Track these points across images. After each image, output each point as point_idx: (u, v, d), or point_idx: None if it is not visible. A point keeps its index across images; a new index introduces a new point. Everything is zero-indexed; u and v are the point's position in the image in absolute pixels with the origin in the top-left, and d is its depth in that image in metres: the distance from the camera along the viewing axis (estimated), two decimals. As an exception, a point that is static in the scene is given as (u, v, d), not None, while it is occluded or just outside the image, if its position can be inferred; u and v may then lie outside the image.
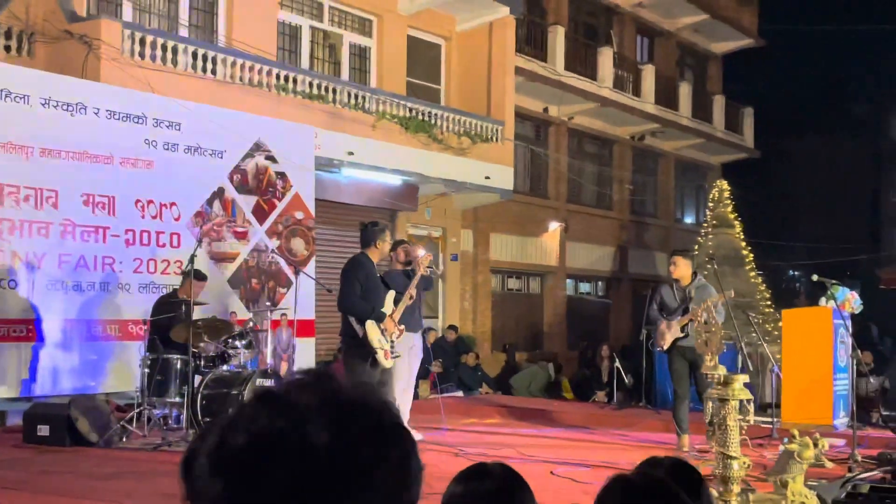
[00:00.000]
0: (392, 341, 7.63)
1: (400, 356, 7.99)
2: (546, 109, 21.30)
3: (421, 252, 9.21)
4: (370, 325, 7.47)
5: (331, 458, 1.01)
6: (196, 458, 1.06)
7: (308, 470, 1.00)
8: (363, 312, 7.52)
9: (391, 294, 7.79)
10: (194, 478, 1.05)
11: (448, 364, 15.61)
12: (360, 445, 1.03)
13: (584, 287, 23.74)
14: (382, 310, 7.54)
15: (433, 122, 16.29)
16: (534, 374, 17.06)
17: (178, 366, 9.27)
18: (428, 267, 8.25)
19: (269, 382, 9.58)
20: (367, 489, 1.02)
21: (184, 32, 13.80)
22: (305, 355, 12.80)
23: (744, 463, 5.51)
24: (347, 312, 7.74)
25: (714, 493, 5.59)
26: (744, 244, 16.58)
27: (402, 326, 7.92)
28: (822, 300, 11.31)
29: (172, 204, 11.70)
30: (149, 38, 12.39)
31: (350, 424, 1.04)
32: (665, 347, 9.38)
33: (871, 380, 12.93)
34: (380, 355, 7.48)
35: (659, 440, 10.13)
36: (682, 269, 9.47)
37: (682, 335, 9.17)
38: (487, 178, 17.26)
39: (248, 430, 1.03)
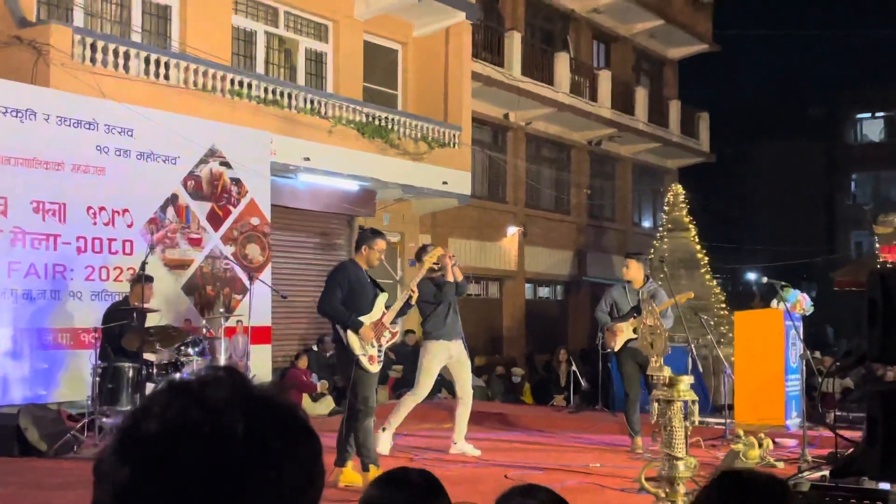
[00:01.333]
0: (380, 346, 7.58)
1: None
2: (507, 116, 21.39)
3: (448, 260, 9.13)
4: (350, 335, 7.46)
5: (243, 450, 1.02)
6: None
7: (220, 461, 1.01)
8: (340, 318, 7.49)
9: (383, 297, 7.73)
10: (100, 463, 1.05)
11: (407, 369, 15.59)
12: (272, 440, 1.04)
13: (543, 291, 23.85)
14: (362, 317, 7.49)
15: (390, 127, 16.29)
16: (490, 385, 17.13)
17: (130, 374, 9.18)
18: (434, 263, 8.29)
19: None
20: (275, 483, 1.04)
21: (136, 38, 13.68)
22: (261, 362, 12.72)
23: (690, 463, 5.56)
24: (325, 315, 7.79)
25: (661, 493, 5.65)
26: (699, 247, 16.76)
27: (396, 329, 7.92)
28: (774, 302, 11.45)
29: (125, 211, 11.59)
30: (100, 44, 12.27)
31: (263, 420, 1.05)
32: (616, 349, 9.48)
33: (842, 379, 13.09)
34: (363, 361, 7.45)
35: (615, 442, 10.20)
36: (634, 271, 9.60)
37: (634, 336, 9.27)
38: (445, 183, 17.29)
39: (160, 418, 1.03)
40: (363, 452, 7.44)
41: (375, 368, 7.55)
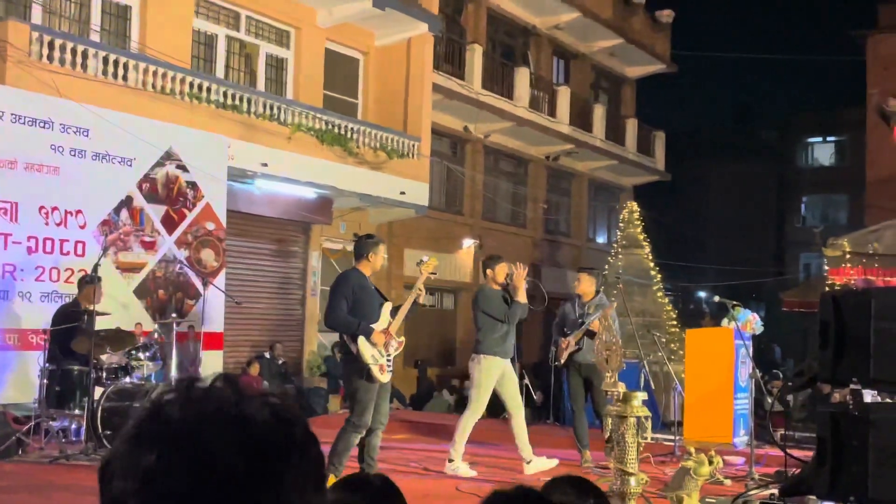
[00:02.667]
0: (388, 355, 7.49)
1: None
2: (466, 128, 21.46)
3: (521, 280, 8.88)
4: (362, 343, 7.32)
5: (269, 432, 1.03)
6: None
7: (247, 441, 1.01)
8: (348, 328, 7.36)
9: (387, 306, 7.63)
10: (112, 460, 1.04)
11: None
12: (295, 426, 1.06)
13: (497, 304, 23.91)
14: (372, 325, 7.40)
15: (349, 135, 16.26)
16: (442, 402, 17.17)
17: (79, 377, 9.04)
18: (432, 273, 8.05)
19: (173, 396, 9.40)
20: (301, 471, 1.05)
21: (95, 37, 13.53)
22: (213, 368, 12.60)
23: (641, 479, 5.61)
24: (333, 329, 7.61)
25: (612, 508, 5.69)
26: (652, 265, 16.93)
27: (402, 339, 7.75)
28: (725, 321, 11.60)
29: (78, 212, 11.43)
30: (58, 42, 12.12)
31: (284, 412, 1.06)
32: (562, 362, 9.54)
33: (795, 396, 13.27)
34: (374, 371, 7.34)
35: (566, 456, 10.24)
36: (585, 285, 9.68)
37: (575, 349, 9.34)
38: (403, 193, 17.29)
39: (182, 403, 1.04)
40: (333, 461, 7.32)
41: (386, 378, 7.46)
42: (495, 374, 8.83)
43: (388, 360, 7.47)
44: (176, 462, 1.00)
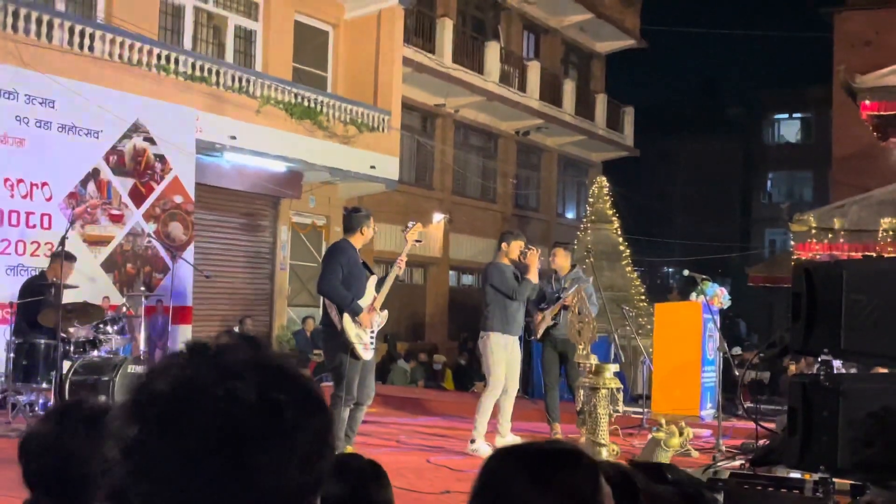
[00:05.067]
0: (372, 331, 7.45)
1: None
2: (442, 106, 21.38)
3: (534, 259, 8.67)
4: (347, 319, 7.26)
5: (255, 415, 1.02)
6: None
7: (230, 423, 1.00)
8: (342, 300, 7.29)
9: (373, 279, 7.58)
10: (111, 420, 1.04)
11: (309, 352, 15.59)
12: (284, 409, 1.04)
13: (467, 279, 23.96)
14: (360, 302, 7.36)
15: (319, 109, 16.15)
16: (412, 371, 17.21)
17: (46, 351, 8.95)
18: (417, 240, 7.92)
19: (141, 369, 9.35)
20: (285, 451, 1.04)
21: (60, 7, 13.30)
22: (181, 343, 12.54)
23: (613, 450, 5.66)
24: (326, 296, 7.48)
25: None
26: (621, 240, 17.01)
27: (385, 313, 7.68)
28: (693, 295, 11.70)
29: (44, 184, 11.29)
30: (22, 11, 11.89)
31: (278, 388, 1.05)
32: (538, 336, 9.55)
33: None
34: (358, 349, 7.30)
35: (535, 429, 10.31)
36: (560, 260, 9.68)
37: (552, 323, 9.35)
38: (373, 167, 17.22)
39: (174, 378, 1.03)
40: None
41: (369, 356, 7.43)
42: (507, 349, 8.69)
43: (372, 338, 7.47)
44: (156, 437, 1.00)
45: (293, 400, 1.06)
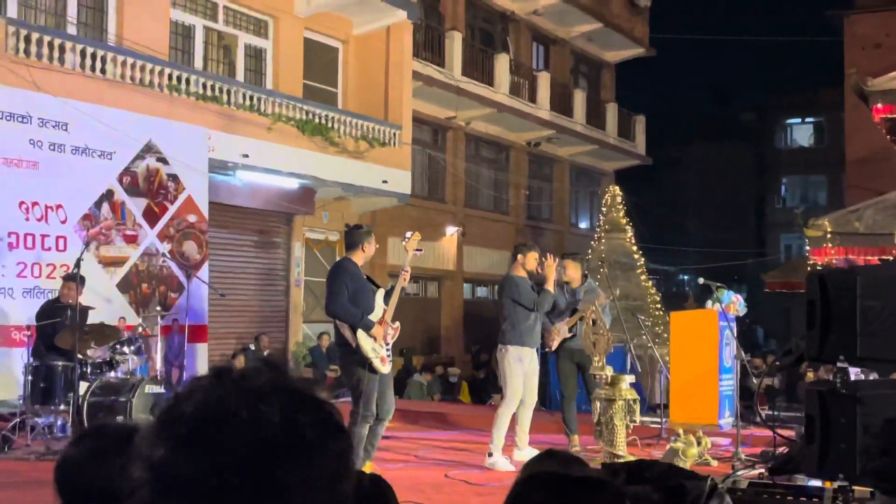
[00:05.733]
0: (387, 345, 7.46)
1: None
2: (453, 118, 21.42)
3: (552, 270, 8.67)
4: (361, 334, 7.28)
5: (279, 437, 1.04)
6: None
7: (254, 446, 1.03)
8: (352, 318, 7.31)
9: (380, 293, 7.60)
10: (140, 441, 1.06)
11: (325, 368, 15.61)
12: (307, 432, 1.07)
13: (482, 291, 23.94)
14: (370, 317, 7.38)
15: (330, 125, 16.21)
16: (428, 385, 17.18)
17: (64, 373, 8.99)
18: (417, 249, 7.93)
19: (158, 389, 9.39)
20: (307, 473, 1.06)
21: (72, 30, 13.41)
22: (198, 362, 12.57)
23: (631, 461, 5.63)
24: (335, 317, 7.50)
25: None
26: (635, 248, 16.97)
27: (397, 325, 7.69)
28: (709, 303, 11.65)
29: (59, 206, 11.36)
30: (35, 36, 12.00)
31: (301, 411, 1.08)
32: (553, 348, 9.51)
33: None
34: (376, 363, 7.31)
35: (553, 441, 10.28)
36: (571, 271, 9.64)
37: (569, 335, 9.32)
38: (385, 182, 17.26)
39: (199, 400, 1.06)
40: None
41: (386, 369, 7.43)
42: (524, 362, 8.67)
43: (388, 351, 7.47)
44: (183, 459, 1.02)
45: (315, 422, 1.08)
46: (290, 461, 1.05)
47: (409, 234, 7.97)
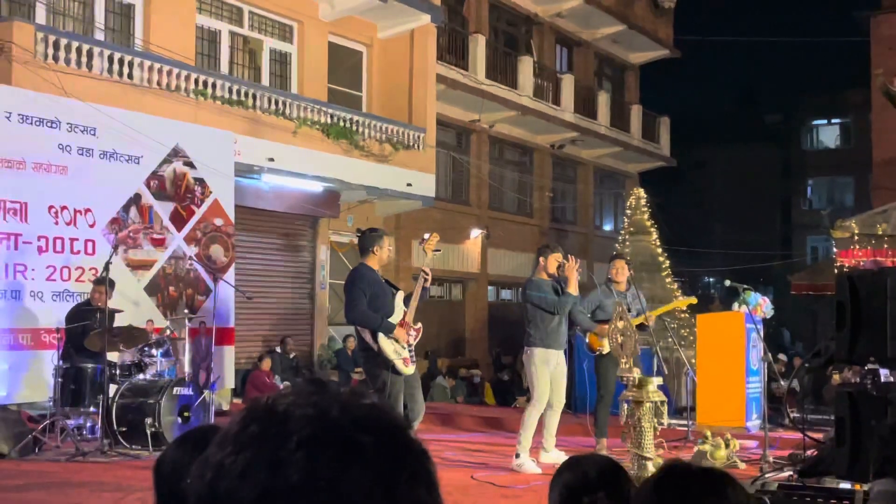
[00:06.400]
0: (410, 346, 7.49)
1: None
2: (477, 121, 21.44)
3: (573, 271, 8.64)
4: (382, 338, 7.31)
5: (375, 464, 1.00)
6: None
7: (355, 473, 0.98)
8: (372, 323, 7.35)
9: (399, 295, 7.63)
10: (214, 448, 1.01)
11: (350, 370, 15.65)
12: (403, 458, 1.04)
13: (506, 294, 23.92)
14: (390, 319, 7.41)
15: (355, 128, 16.27)
16: (451, 389, 17.21)
17: (93, 375, 9.08)
18: (436, 250, 7.95)
19: (186, 391, 9.46)
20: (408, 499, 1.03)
21: (100, 36, 13.54)
22: (225, 364, 12.65)
23: (658, 463, 5.63)
24: (355, 324, 7.55)
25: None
26: (660, 251, 16.89)
27: (419, 326, 7.71)
28: (735, 305, 11.60)
29: (87, 210, 11.45)
30: (63, 41, 12.13)
31: (394, 438, 1.05)
32: (605, 351, 9.43)
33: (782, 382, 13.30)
34: (399, 365, 7.35)
35: (579, 444, 10.26)
36: (624, 273, 9.61)
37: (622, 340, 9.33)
38: (409, 185, 17.30)
39: (301, 420, 1.00)
40: None
41: (410, 370, 7.47)
42: (551, 364, 8.66)
43: (411, 352, 7.49)
44: (296, 484, 0.97)
45: (408, 450, 1.06)
46: (390, 491, 1.00)
47: (426, 236, 8.00)
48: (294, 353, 15.75)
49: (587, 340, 9.59)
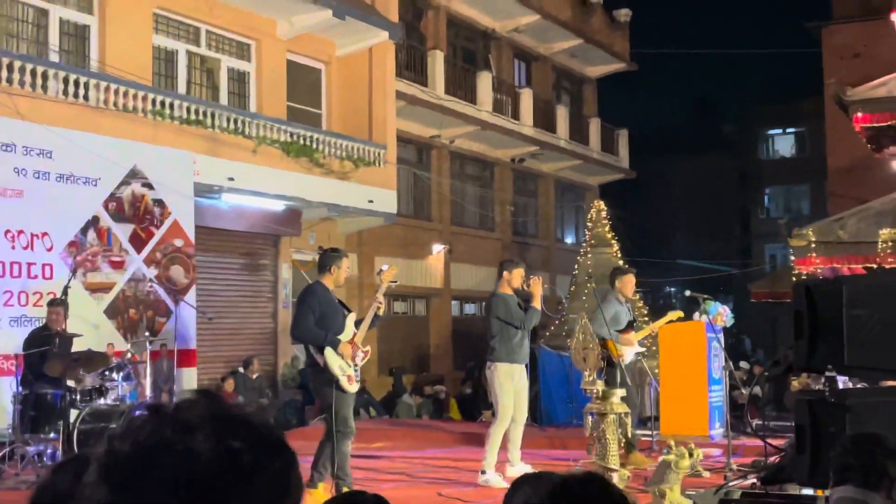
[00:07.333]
0: (356, 365, 7.50)
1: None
2: (437, 137, 21.49)
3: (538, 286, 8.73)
4: (329, 354, 7.32)
5: (216, 465, 1.08)
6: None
7: (191, 476, 1.06)
8: (316, 339, 7.37)
9: (351, 316, 7.65)
10: (83, 485, 1.09)
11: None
12: (242, 456, 1.10)
13: (470, 308, 23.94)
14: (339, 336, 7.42)
15: (315, 146, 16.23)
16: (417, 406, 17.17)
17: (53, 401, 8.96)
18: (392, 281, 7.99)
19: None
20: (248, 495, 1.10)
21: (54, 58, 13.41)
22: (187, 386, 12.53)
23: (623, 475, 5.66)
24: (300, 341, 7.59)
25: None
26: (621, 262, 17.01)
27: (367, 349, 7.75)
28: (696, 315, 11.70)
29: (44, 234, 11.33)
30: (17, 64, 12.00)
31: (234, 436, 1.12)
32: (626, 361, 9.61)
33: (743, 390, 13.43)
34: (343, 381, 7.36)
35: (545, 456, 10.28)
36: (632, 287, 9.92)
37: (641, 349, 9.63)
38: (371, 201, 17.29)
39: (134, 439, 1.09)
40: (340, 475, 7.30)
41: (354, 388, 7.49)
42: (514, 379, 8.71)
43: (356, 370, 7.50)
44: (124, 498, 1.06)
45: (250, 446, 1.12)
46: (230, 487, 1.08)
47: (384, 268, 8.12)
48: (258, 374, 15.64)
49: (607, 350, 9.74)
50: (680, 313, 10.37)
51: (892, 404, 4.36)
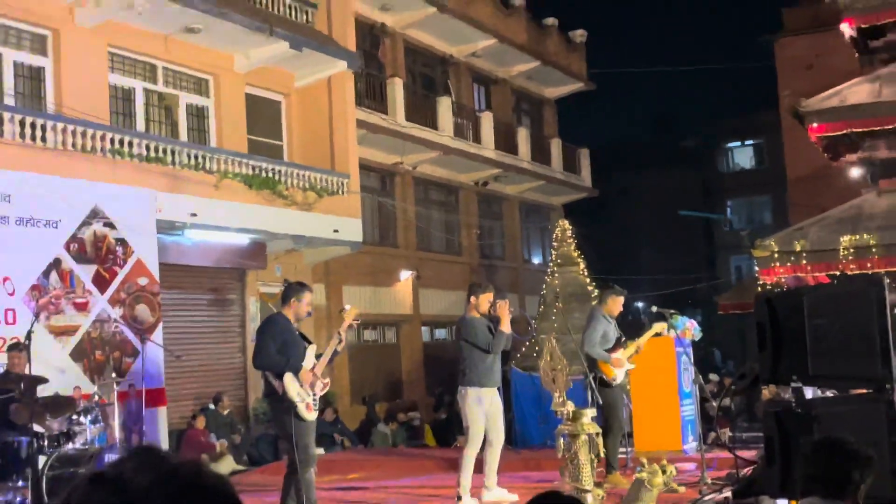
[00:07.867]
0: (314, 394, 7.50)
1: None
2: (400, 163, 21.51)
3: (507, 310, 8.79)
4: (288, 380, 7.34)
5: None
6: None
7: None
8: (277, 365, 7.41)
9: (312, 348, 7.66)
10: None
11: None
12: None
13: (440, 333, 23.91)
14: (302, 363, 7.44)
15: (277, 178, 16.19)
16: (392, 434, 17.09)
17: (20, 448, 8.80)
18: (355, 319, 7.99)
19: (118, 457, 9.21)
20: None
21: (10, 101, 13.30)
22: (158, 426, 12.38)
23: (598, 495, 5.65)
24: (262, 368, 7.60)
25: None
26: (588, 281, 17.08)
27: (327, 380, 7.78)
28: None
29: (6, 279, 11.17)
30: (-29, 108, 11.88)
31: (185, 500, 1.06)
32: (619, 380, 9.71)
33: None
34: (301, 408, 7.36)
35: (521, 479, 10.26)
36: (619, 307, 10.00)
37: (632, 366, 9.70)
38: (336, 231, 17.25)
39: None
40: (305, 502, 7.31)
41: (312, 416, 7.50)
42: (484, 403, 8.74)
43: (314, 400, 7.51)
44: None
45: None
46: None
47: (347, 307, 8.16)
48: (229, 409, 15.49)
49: (600, 371, 9.75)
50: (664, 325, 10.43)
51: (860, 412, 4.39)
